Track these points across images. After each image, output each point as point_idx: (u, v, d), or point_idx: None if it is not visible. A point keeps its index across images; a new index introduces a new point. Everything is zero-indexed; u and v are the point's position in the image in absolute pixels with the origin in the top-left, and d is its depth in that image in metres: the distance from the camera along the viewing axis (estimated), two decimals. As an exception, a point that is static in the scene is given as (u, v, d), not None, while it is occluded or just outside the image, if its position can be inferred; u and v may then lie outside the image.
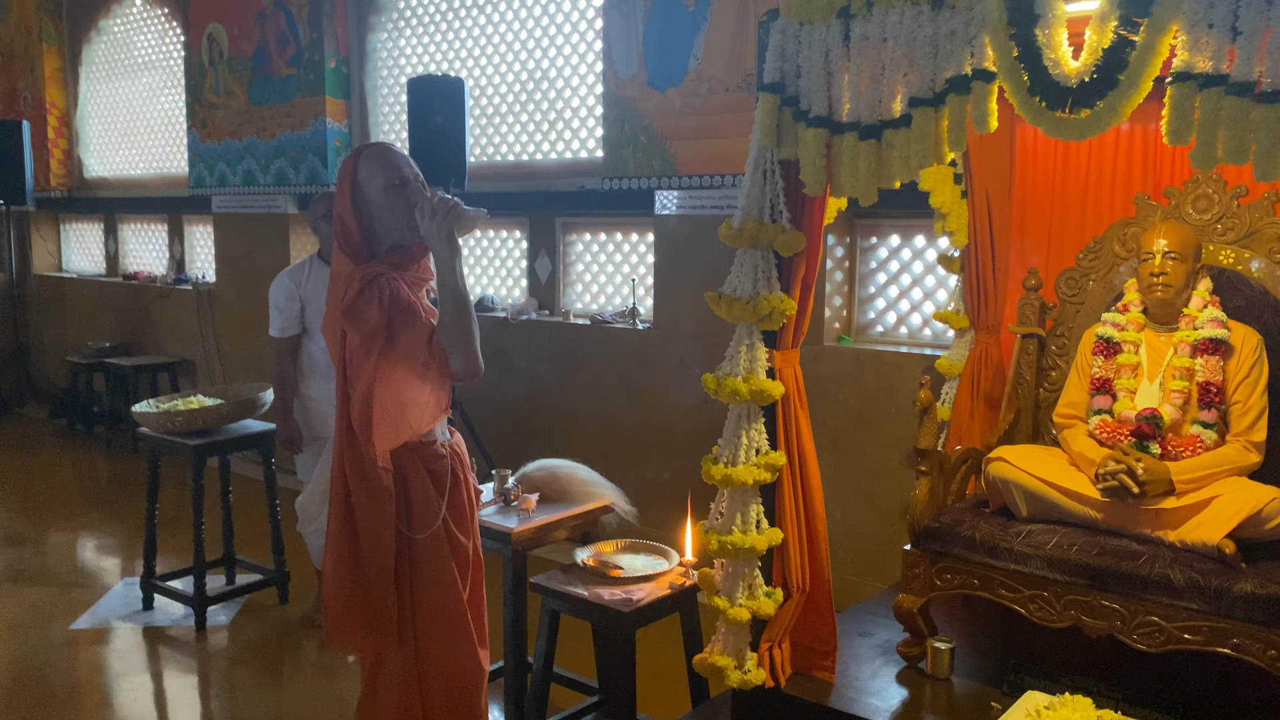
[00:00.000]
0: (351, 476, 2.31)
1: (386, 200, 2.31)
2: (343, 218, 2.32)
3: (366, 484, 2.29)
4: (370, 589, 2.30)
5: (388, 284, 2.26)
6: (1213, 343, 2.60)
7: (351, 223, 2.31)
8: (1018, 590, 2.52)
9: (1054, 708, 2.35)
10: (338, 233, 2.33)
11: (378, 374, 2.25)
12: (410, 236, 2.33)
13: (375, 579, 2.29)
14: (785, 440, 2.56)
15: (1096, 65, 2.02)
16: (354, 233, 2.31)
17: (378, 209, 2.32)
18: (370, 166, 2.33)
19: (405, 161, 2.37)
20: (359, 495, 2.30)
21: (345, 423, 2.31)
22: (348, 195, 2.32)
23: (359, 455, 2.30)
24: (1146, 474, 2.46)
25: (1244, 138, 1.88)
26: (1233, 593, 2.24)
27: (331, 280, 2.35)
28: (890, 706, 2.53)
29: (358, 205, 2.32)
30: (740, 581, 2.53)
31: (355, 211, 2.31)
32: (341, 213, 2.32)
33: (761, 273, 2.50)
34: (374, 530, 2.29)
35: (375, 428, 2.25)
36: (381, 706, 2.38)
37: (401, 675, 2.35)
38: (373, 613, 2.30)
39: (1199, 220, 2.89)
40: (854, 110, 2.35)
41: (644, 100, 4.80)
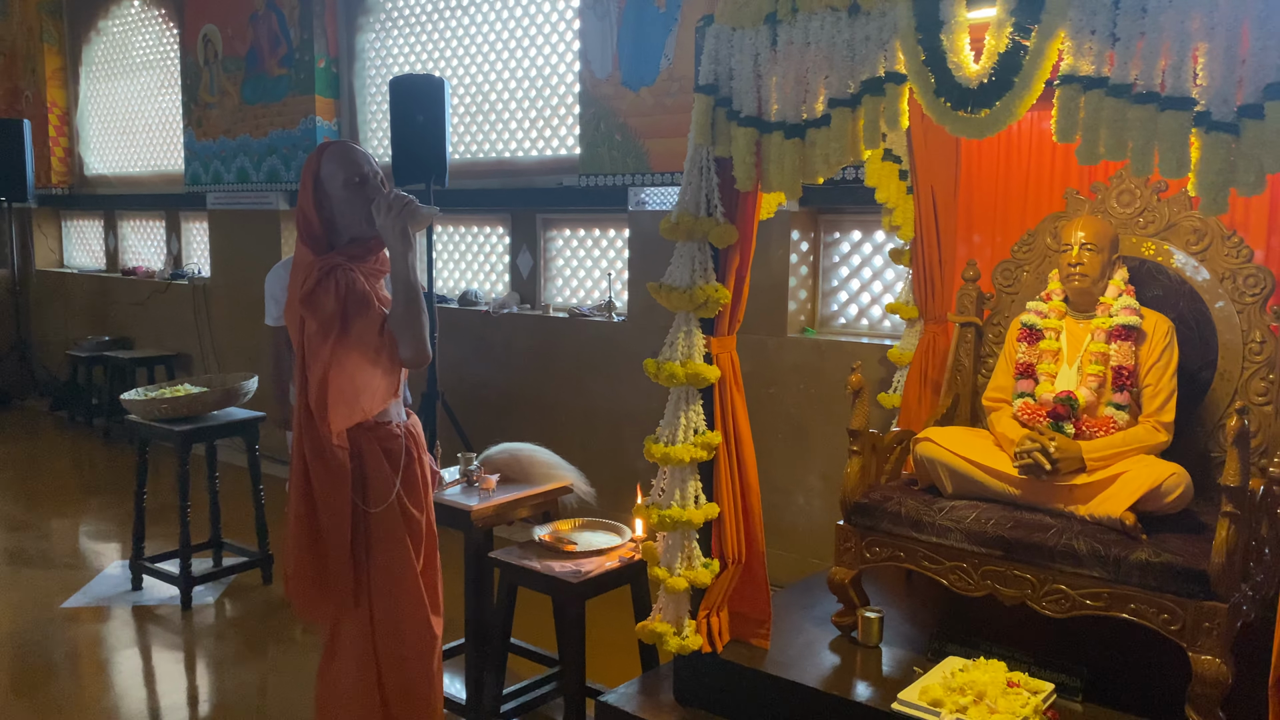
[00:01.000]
0: (310, 454, 2.48)
1: (346, 196, 2.46)
2: (305, 211, 2.47)
3: (324, 461, 2.46)
4: (328, 558, 2.46)
5: (344, 275, 2.42)
6: (1126, 329, 2.75)
7: (313, 216, 2.46)
8: (939, 562, 2.68)
9: (968, 670, 2.52)
10: (300, 225, 2.49)
11: (333, 359, 2.41)
12: (368, 230, 2.48)
13: (332, 549, 2.46)
14: (721, 421, 2.72)
15: (994, 68, 2.17)
16: (315, 225, 2.47)
17: (338, 204, 2.47)
18: (332, 164, 2.48)
19: (365, 159, 2.52)
20: (317, 471, 2.46)
21: (304, 404, 2.47)
22: (310, 190, 2.47)
23: (317, 434, 2.46)
24: (1059, 452, 2.61)
25: (1122, 135, 2.03)
26: (1129, 561, 2.39)
27: (293, 269, 2.51)
28: (821, 672, 2.68)
29: (319, 200, 2.47)
30: (679, 553, 2.69)
31: (317, 206, 2.47)
32: (304, 206, 2.47)
33: (698, 264, 2.65)
34: (331, 504, 2.45)
35: (330, 409, 2.41)
36: (340, 669, 2.54)
37: (358, 639, 2.51)
38: (330, 580, 2.46)
39: (1122, 214, 3.04)
40: (780, 110, 2.51)
41: (618, 99, 4.96)
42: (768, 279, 4.51)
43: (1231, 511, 2.29)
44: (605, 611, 3.40)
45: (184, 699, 3.58)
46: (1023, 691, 2.43)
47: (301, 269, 2.45)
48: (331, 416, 2.42)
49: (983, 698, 2.39)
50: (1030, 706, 2.37)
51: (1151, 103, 1.99)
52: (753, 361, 4.56)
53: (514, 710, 3.21)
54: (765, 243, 4.49)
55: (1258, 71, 1.88)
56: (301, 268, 2.45)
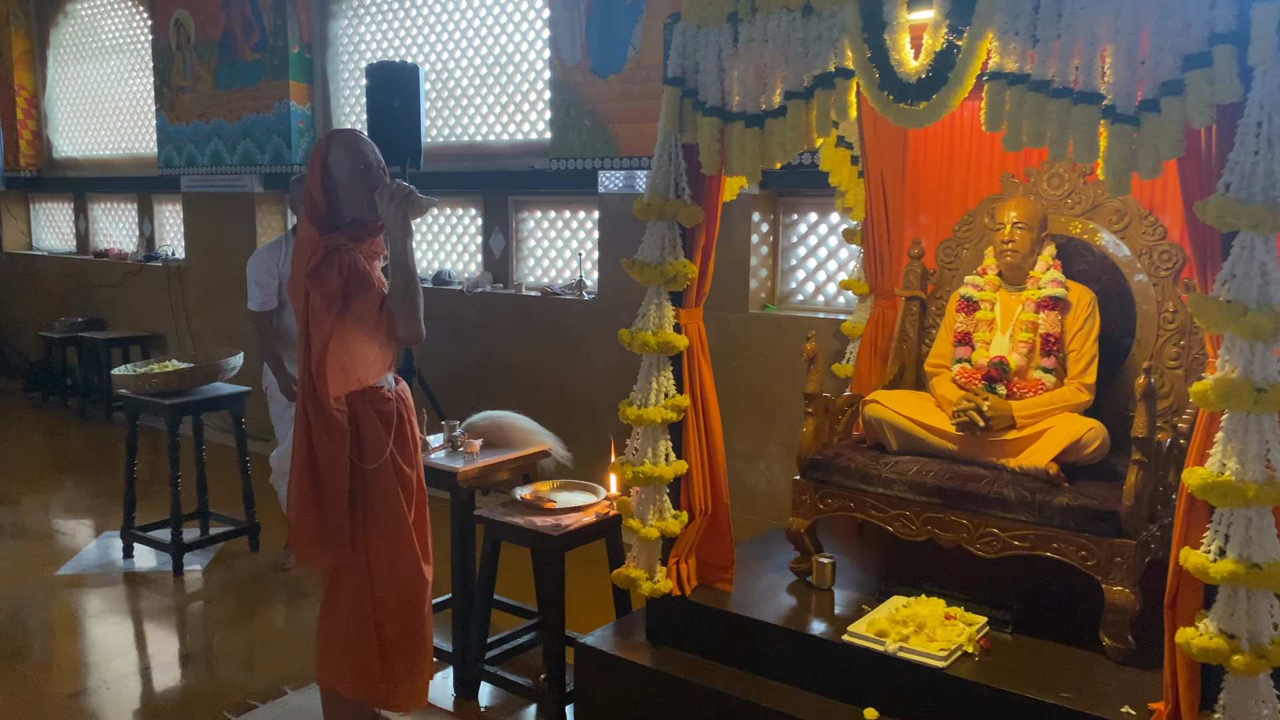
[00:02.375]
0: (313, 416, 2.70)
1: (351, 181, 2.68)
2: (312, 192, 2.67)
3: (325, 422, 2.68)
4: (328, 510, 2.70)
5: (348, 255, 2.64)
6: (1053, 300, 3.04)
7: (319, 198, 2.67)
8: (885, 511, 2.96)
9: (911, 606, 2.81)
10: (306, 205, 2.69)
11: (334, 332, 2.63)
12: (369, 215, 2.70)
13: (331, 502, 2.69)
14: (690, 385, 2.97)
15: (931, 65, 2.43)
16: (320, 207, 2.67)
17: (343, 188, 2.68)
18: (340, 151, 2.68)
19: (370, 148, 2.74)
20: (318, 432, 2.69)
21: (306, 370, 2.69)
22: (318, 173, 2.67)
23: (318, 398, 2.68)
24: (992, 411, 2.90)
25: (1041, 126, 2.30)
26: (1052, 505, 2.69)
27: (297, 245, 2.72)
28: (779, 611, 2.96)
29: (326, 183, 2.67)
30: (651, 506, 2.95)
31: (323, 189, 2.67)
32: (311, 188, 2.68)
33: (668, 241, 2.90)
34: (331, 460, 2.68)
35: (329, 376, 2.64)
36: (340, 611, 2.77)
37: (356, 584, 2.75)
38: (328, 530, 2.70)
39: (1052, 195, 3.33)
40: (742, 102, 2.76)
41: (588, 86, 5.18)
42: (731, 258, 4.77)
43: (1140, 459, 2.59)
44: (581, 571, 3.66)
45: (176, 658, 3.78)
46: (959, 623, 2.72)
47: (307, 246, 2.66)
48: (330, 383, 2.64)
49: (923, 628, 2.68)
50: (965, 636, 2.67)
51: (1066, 97, 2.26)
52: (716, 336, 4.83)
53: (497, 658, 3.46)
54: (728, 224, 4.75)
55: (1155, 71, 2.15)
56: (306, 245, 2.66)
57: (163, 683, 3.58)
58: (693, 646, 2.97)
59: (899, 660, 2.61)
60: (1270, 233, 2.02)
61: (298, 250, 2.69)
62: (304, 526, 2.71)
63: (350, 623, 2.75)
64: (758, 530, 4.47)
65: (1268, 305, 2.02)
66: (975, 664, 2.61)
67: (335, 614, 2.77)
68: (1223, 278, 2.08)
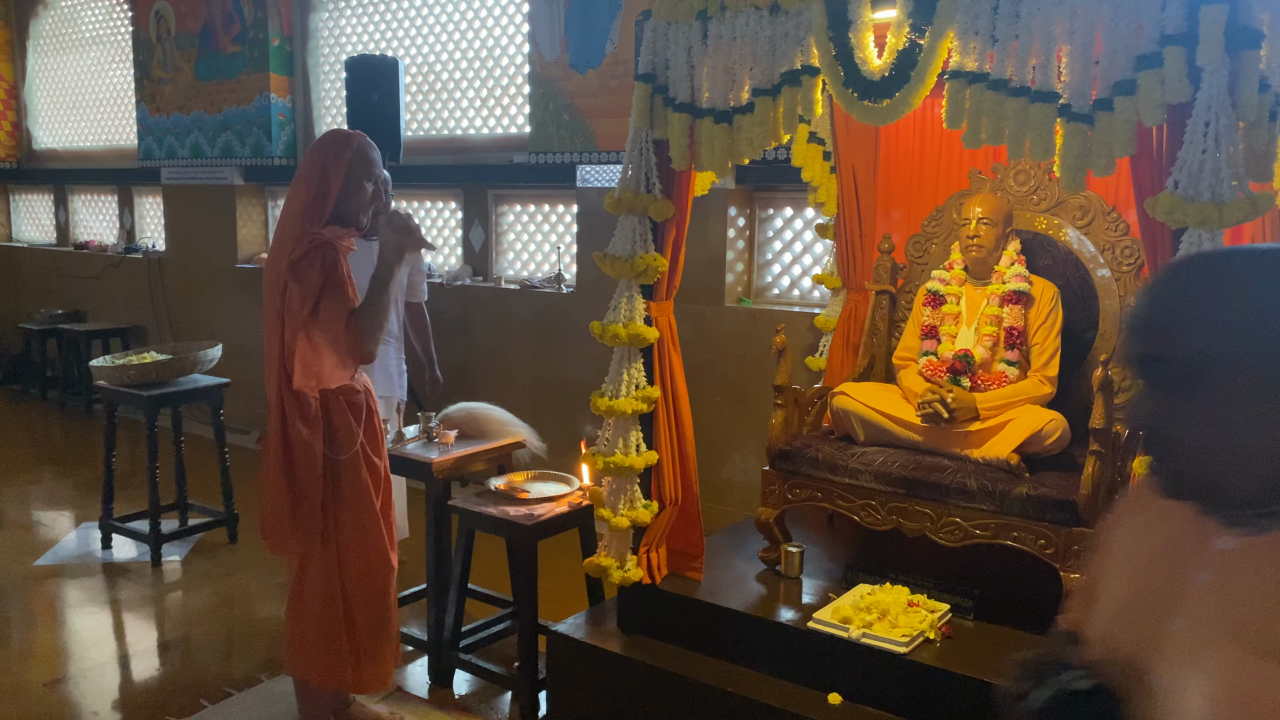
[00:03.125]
0: (289, 407, 2.74)
1: (356, 188, 2.75)
2: (324, 182, 2.70)
3: (301, 412, 2.73)
4: (302, 500, 2.74)
5: (330, 254, 2.69)
6: (1016, 294, 3.10)
7: (332, 190, 2.70)
8: (851, 500, 3.02)
9: (875, 594, 2.87)
10: (306, 193, 2.71)
11: (304, 329, 2.70)
12: (357, 223, 2.76)
13: (306, 491, 2.73)
14: (660, 377, 3.02)
15: (894, 64, 2.49)
16: (325, 199, 2.70)
17: (350, 191, 2.74)
18: (361, 158, 2.76)
19: (381, 164, 2.83)
20: (293, 422, 2.73)
21: (279, 360, 2.73)
22: (343, 168, 2.72)
23: (295, 389, 2.73)
24: (956, 403, 2.96)
25: (1000, 124, 2.36)
26: (1012, 495, 2.75)
27: (279, 232, 2.77)
28: (748, 599, 3.01)
29: (345, 181, 2.73)
30: (622, 495, 3.00)
31: (345, 185, 2.72)
32: (330, 179, 2.70)
33: (639, 235, 2.95)
34: (305, 450, 2.72)
35: (296, 368, 2.69)
36: (309, 602, 2.82)
37: (325, 573, 2.79)
38: (302, 519, 2.74)
39: (1019, 191, 3.39)
40: (711, 98, 2.80)
41: (566, 81, 5.21)
42: (706, 252, 4.82)
43: (1097, 450, 2.66)
44: (555, 561, 3.71)
45: (154, 646, 3.81)
46: (921, 610, 2.78)
47: (290, 237, 2.70)
48: (296, 375, 2.71)
49: (886, 615, 2.74)
50: (927, 622, 2.73)
51: (1024, 96, 2.32)
52: (693, 329, 4.88)
53: (472, 646, 3.51)
54: (704, 218, 4.80)
55: (1109, 70, 2.21)
56: (290, 235, 2.70)
57: (140, 671, 3.61)
58: (663, 634, 3.02)
59: (862, 646, 2.67)
60: (1216, 229, 2.08)
61: (279, 238, 2.73)
62: (278, 516, 2.75)
63: (320, 613, 2.81)
64: (732, 521, 4.53)
65: (1214, 299, 2.07)
66: (936, 650, 2.66)
67: (303, 605, 2.82)
68: (1172, 273, 2.13)
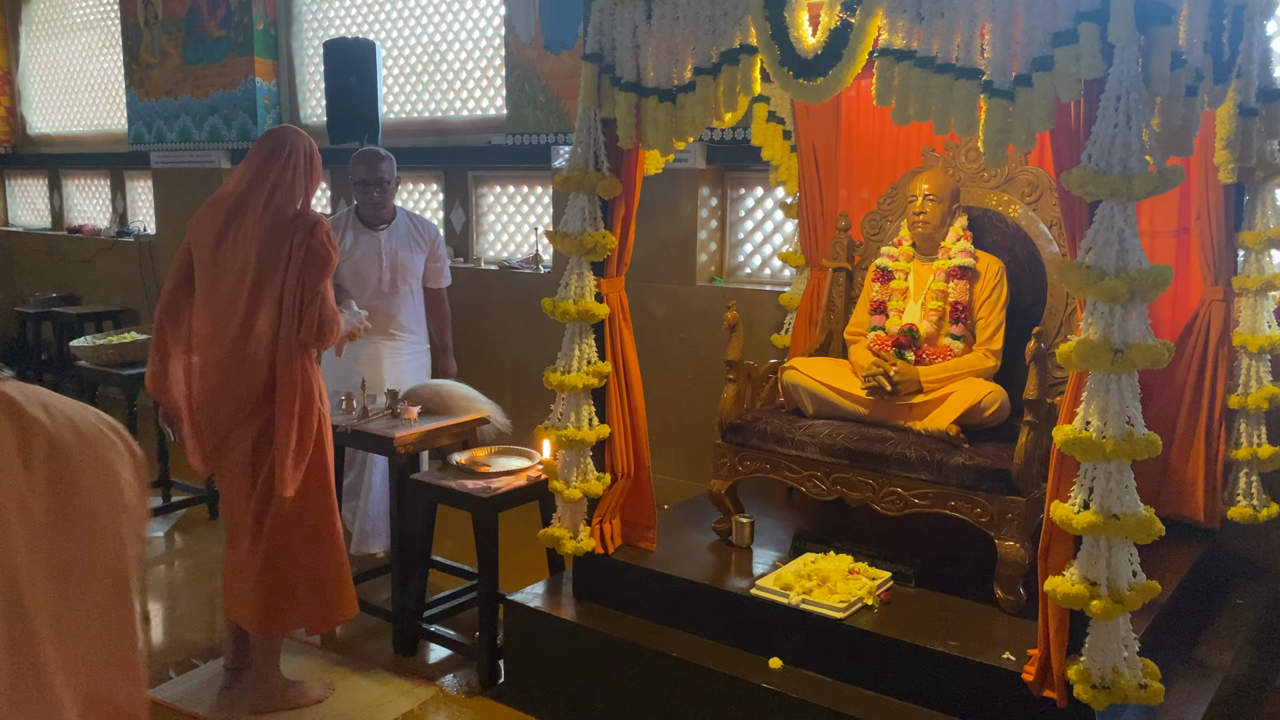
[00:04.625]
0: (301, 359, 2.93)
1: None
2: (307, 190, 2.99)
3: (314, 364, 3.00)
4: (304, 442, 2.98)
5: (333, 236, 2.96)
6: (962, 269, 3.16)
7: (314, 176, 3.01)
8: (798, 471, 3.09)
9: (818, 562, 2.94)
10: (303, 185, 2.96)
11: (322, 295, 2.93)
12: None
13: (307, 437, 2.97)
14: (611, 352, 3.08)
15: (826, 42, 2.53)
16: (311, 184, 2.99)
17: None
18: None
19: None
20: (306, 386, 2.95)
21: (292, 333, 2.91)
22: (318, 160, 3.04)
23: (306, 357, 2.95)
24: (899, 375, 3.03)
25: (927, 101, 2.40)
26: (949, 465, 2.81)
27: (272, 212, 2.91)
28: (698, 568, 3.09)
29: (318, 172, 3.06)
30: (575, 468, 3.07)
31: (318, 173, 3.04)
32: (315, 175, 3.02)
33: (588, 213, 3.00)
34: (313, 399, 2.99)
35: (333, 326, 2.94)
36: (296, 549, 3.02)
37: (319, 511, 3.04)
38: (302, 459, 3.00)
39: (970, 168, 3.44)
40: (655, 77, 2.85)
41: (541, 62, 5.26)
42: (678, 232, 4.88)
43: (1030, 420, 2.72)
44: (521, 534, 3.79)
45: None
46: (861, 577, 2.86)
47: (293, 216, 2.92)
48: (328, 335, 2.94)
49: (826, 582, 2.81)
50: (865, 589, 2.80)
51: (948, 73, 2.36)
52: (665, 308, 4.95)
53: (437, 616, 3.59)
54: (676, 198, 4.86)
55: (1028, 47, 2.25)
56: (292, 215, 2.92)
57: (115, 642, 3.70)
58: (616, 602, 3.10)
59: (802, 612, 2.74)
60: (1127, 201, 2.13)
61: (272, 218, 2.89)
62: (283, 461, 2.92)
63: (318, 557, 3.02)
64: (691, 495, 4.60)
65: (1124, 270, 2.13)
66: (874, 615, 2.74)
67: (290, 559, 2.99)
68: (1085, 244, 2.19)
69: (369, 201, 4.02)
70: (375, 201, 4.02)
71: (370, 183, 4.00)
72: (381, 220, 4.10)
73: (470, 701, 3.21)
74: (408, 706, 3.16)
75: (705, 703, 2.77)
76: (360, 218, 4.10)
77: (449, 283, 4.39)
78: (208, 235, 2.93)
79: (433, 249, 4.22)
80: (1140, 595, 2.22)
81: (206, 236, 2.93)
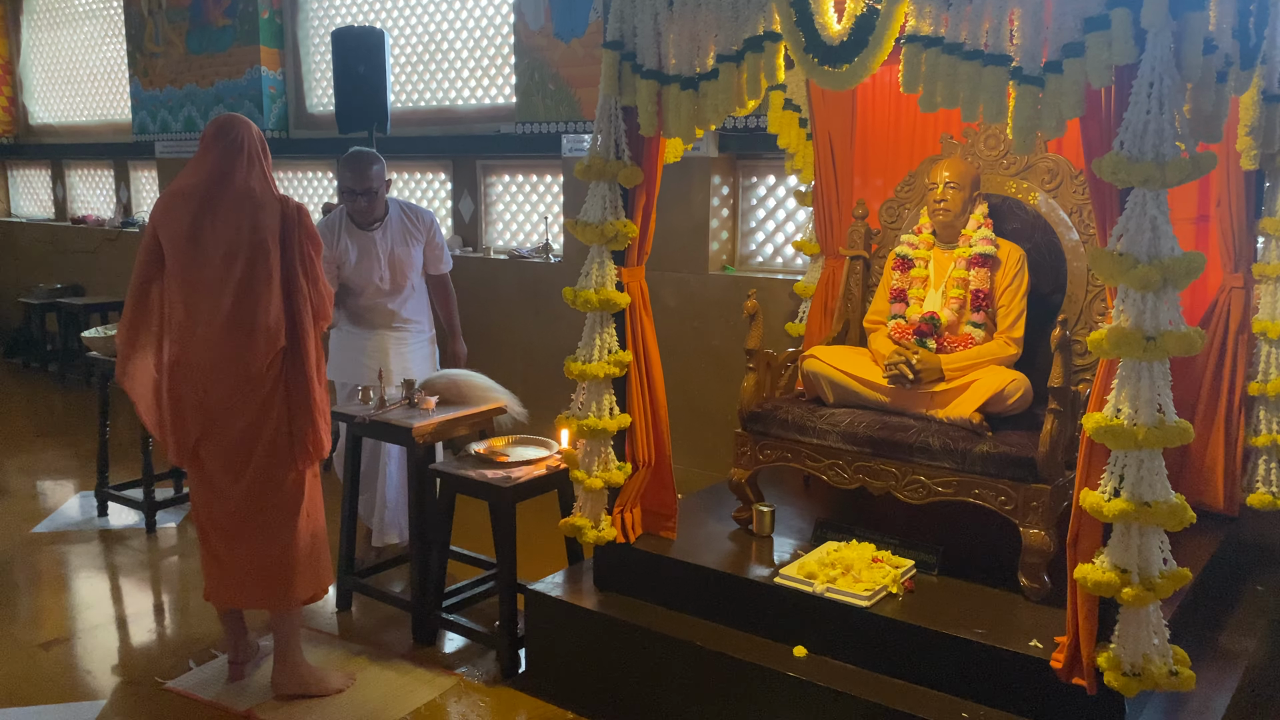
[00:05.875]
0: (308, 339, 2.98)
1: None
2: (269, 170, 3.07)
3: (318, 342, 3.04)
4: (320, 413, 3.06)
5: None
6: (983, 257, 3.15)
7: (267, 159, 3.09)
8: (819, 460, 3.09)
9: (841, 550, 2.94)
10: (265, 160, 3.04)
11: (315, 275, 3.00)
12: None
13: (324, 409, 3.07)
14: (632, 341, 3.08)
15: (852, 29, 2.52)
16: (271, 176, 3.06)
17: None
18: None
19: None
20: (313, 349, 3.00)
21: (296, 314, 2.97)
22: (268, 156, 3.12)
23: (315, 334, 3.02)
24: (921, 364, 3.02)
25: (954, 87, 2.39)
26: (973, 453, 2.81)
27: (249, 193, 2.94)
28: (719, 557, 3.09)
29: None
30: (596, 458, 3.07)
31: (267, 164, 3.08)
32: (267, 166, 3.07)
33: (609, 202, 2.99)
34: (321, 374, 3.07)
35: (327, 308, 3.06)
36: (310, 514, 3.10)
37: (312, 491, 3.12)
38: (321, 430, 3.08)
39: (990, 155, 3.42)
40: (677, 65, 2.84)
41: (551, 50, 5.24)
42: (690, 221, 4.86)
43: (1055, 408, 2.71)
44: (538, 523, 3.79)
45: (150, 607, 3.91)
46: (885, 566, 2.86)
47: (272, 199, 2.97)
48: (329, 313, 3.05)
49: (850, 571, 2.81)
50: (890, 578, 2.80)
51: (977, 59, 2.35)
52: (677, 297, 4.94)
53: (456, 606, 3.59)
54: (688, 187, 4.84)
55: (1058, 33, 2.24)
56: (269, 198, 2.97)
57: (133, 633, 3.70)
58: (637, 591, 3.10)
59: (826, 600, 2.74)
60: (1160, 188, 2.12)
61: (250, 199, 2.93)
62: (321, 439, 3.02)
63: (319, 522, 3.11)
64: (710, 482, 4.60)
65: (1157, 258, 2.12)
66: (899, 604, 2.74)
67: (303, 524, 3.04)
68: (1117, 232, 2.18)
69: (357, 209, 3.94)
70: (364, 209, 3.93)
71: (359, 192, 3.90)
72: (374, 220, 4.01)
73: (492, 690, 3.21)
74: (430, 696, 3.16)
75: (729, 691, 2.77)
76: (352, 219, 3.99)
77: (450, 267, 4.30)
78: (179, 227, 2.92)
79: (429, 237, 4.12)
80: (1171, 583, 2.22)
81: (178, 228, 2.92)
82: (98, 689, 3.26)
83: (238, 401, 2.94)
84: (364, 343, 4.04)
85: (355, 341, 4.08)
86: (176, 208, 2.95)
